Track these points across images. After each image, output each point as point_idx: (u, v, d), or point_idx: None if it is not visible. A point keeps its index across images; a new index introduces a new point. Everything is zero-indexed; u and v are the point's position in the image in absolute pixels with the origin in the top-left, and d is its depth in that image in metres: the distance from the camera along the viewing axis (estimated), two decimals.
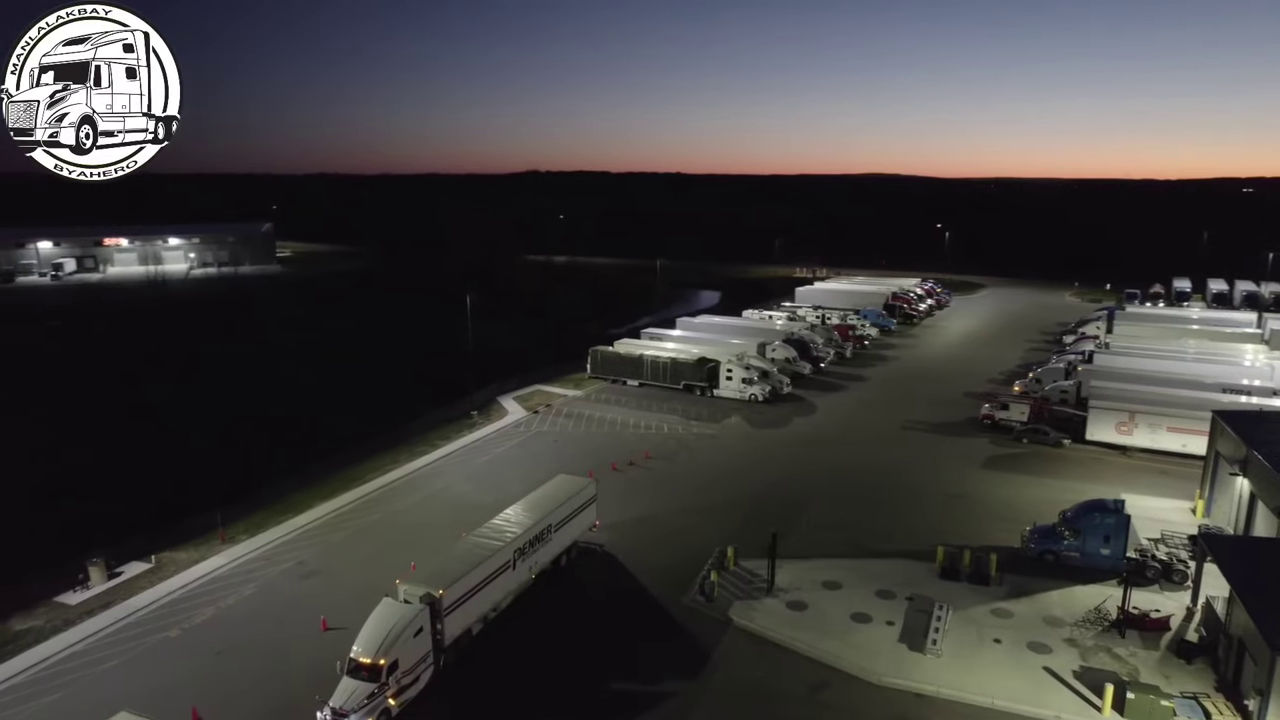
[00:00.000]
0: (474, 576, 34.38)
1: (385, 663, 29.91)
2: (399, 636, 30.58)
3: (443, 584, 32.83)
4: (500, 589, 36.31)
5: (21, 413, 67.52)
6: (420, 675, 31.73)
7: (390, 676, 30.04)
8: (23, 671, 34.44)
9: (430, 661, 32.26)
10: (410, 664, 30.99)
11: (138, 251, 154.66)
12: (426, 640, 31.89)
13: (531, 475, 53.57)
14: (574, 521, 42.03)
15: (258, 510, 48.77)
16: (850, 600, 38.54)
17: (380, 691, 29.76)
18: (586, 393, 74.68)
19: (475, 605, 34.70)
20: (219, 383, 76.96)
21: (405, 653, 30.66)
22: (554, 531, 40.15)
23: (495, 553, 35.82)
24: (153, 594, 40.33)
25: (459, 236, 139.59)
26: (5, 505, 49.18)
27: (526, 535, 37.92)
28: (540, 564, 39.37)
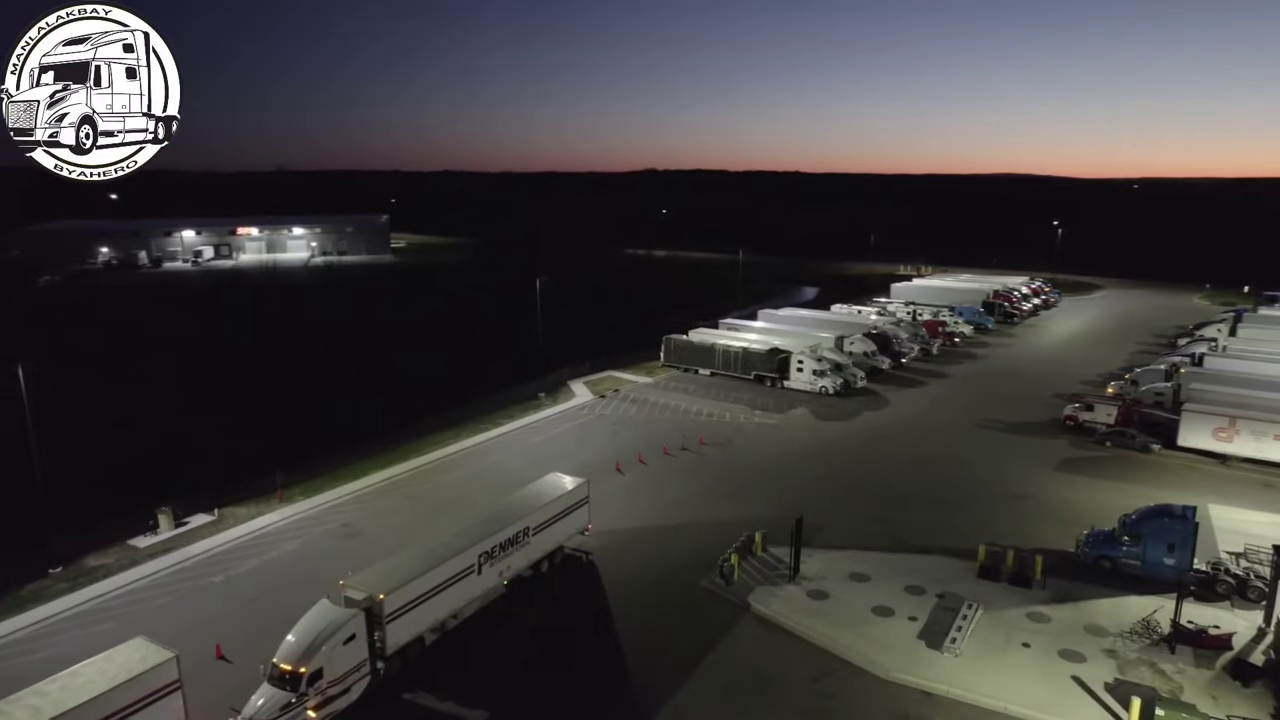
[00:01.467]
0: (426, 581, 31.92)
1: (306, 671, 27.74)
2: (325, 643, 28.40)
3: (385, 588, 30.59)
4: (461, 595, 33.70)
5: (148, 379, 73.90)
6: (352, 685, 29.48)
7: (311, 686, 27.90)
8: (87, 601, 37.69)
9: (365, 671, 30.06)
10: (338, 673, 28.78)
11: (265, 240, 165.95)
12: (361, 648, 29.64)
13: (581, 456, 54.51)
14: (559, 524, 39.19)
15: (319, 475, 51.28)
16: (875, 593, 36.90)
17: (298, 702, 27.73)
18: (657, 380, 74.67)
19: (428, 612, 32.20)
20: (309, 360, 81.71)
21: (332, 661, 28.46)
22: (532, 535, 37.36)
23: (453, 556, 33.24)
24: (209, 543, 43.23)
25: (557, 231, 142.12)
26: (109, 457, 53.99)
27: (496, 538, 35.30)
28: (515, 569, 36.67)
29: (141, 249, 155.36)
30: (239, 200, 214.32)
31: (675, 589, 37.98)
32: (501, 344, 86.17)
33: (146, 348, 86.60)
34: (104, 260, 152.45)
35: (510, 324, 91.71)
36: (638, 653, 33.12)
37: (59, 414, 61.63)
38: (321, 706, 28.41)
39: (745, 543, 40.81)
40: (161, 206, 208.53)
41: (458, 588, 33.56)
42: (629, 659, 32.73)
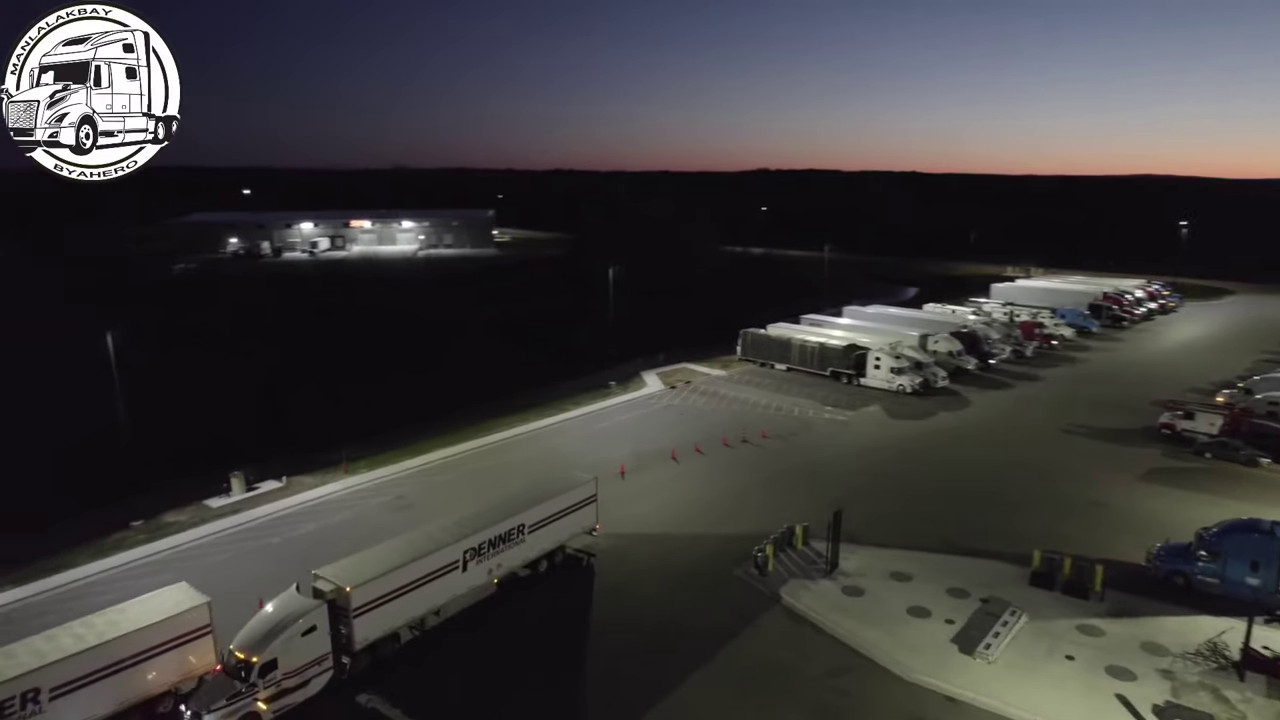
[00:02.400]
0: (401, 575, 30.80)
1: (258, 661, 27.09)
2: (282, 634, 27.65)
3: (353, 580, 29.55)
4: (443, 592, 32.49)
5: (252, 355, 78.91)
6: (310, 679, 28.59)
7: (263, 677, 27.20)
8: (160, 552, 40.52)
9: (328, 665, 29.11)
10: (295, 665, 27.93)
11: (377, 233, 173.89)
12: (322, 641, 28.70)
13: (639, 443, 54.72)
14: (560, 523, 37.47)
15: (386, 450, 53.21)
16: (914, 593, 35.22)
17: (246, 692, 27.03)
18: (731, 373, 73.82)
19: (403, 608, 31.04)
20: (401, 342, 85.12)
21: (289, 653, 27.68)
22: (527, 532, 35.83)
23: (435, 551, 32.16)
24: (273, 507, 45.62)
25: (653, 227, 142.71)
26: (205, 425, 57.97)
27: (485, 534, 33.97)
28: (507, 567, 35.26)
29: (265, 240, 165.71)
30: (359, 196, 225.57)
31: (707, 576, 37.40)
32: (581, 334, 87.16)
33: (253, 328, 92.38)
34: (232, 250, 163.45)
35: (593, 315, 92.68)
36: (654, 638, 32.75)
37: (169, 384, 66.83)
38: (276, 699, 27.58)
39: (785, 535, 39.78)
40: (289, 201, 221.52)
41: (439, 584, 32.20)
42: (645, 644, 32.36)
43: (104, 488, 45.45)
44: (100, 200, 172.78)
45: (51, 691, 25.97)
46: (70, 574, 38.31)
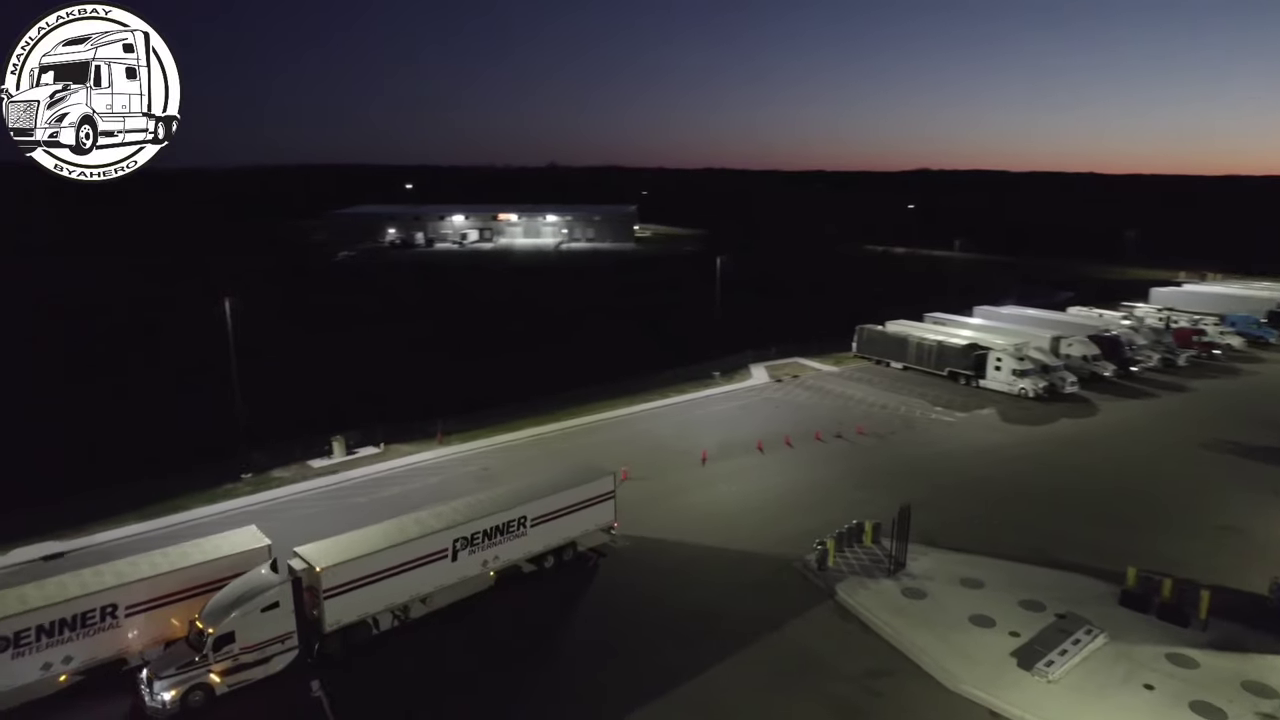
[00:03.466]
0: (379, 560, 29.97)
1: (214, 632, 26.94)
2: (239, 608, 27.46)
3: (326, 561, 29.02)
4: (428, 581, 31.40)
5: (387, 332, 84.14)
6: (272, 657, 28.07)
7: (217, 650, 26.99)
8: (261, 503, 43.74)
9: (292, 645, 28.49)
10: (253, 641, 27.53)
11: (523, 226, 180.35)
12: (286, 619, 28.16)
13: (729, 432, 54.06)
14: (571, 518, 35.80)
15: (484, 425, 55.04)
16: (982, 602, 32.58)
17: (200, 662, 26.88)
18: (843, 369, 71.20)
19: (381, 593, 30.14)
20: (521, 326, 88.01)
21: (246, 627, 27.31)
22: (529, 525, 34.26)
23: (420, 537, 31.19)
24: (368, 470, 48.29)
25: (793, 225, 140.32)
26: (327, 392, 62.33)
27: (477, 524, 32.63)
28: (507, 560, 33.82)
29: (419, 230, 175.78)
30: (515, 192, 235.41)
31: (765, 565, 36.24)
32: (697, 325, 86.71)
33: (393, 310, 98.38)
34: (389, 240, 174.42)
35: (713, 308, 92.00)
36: (695, 621, 32.00)
37: (309, 358, 72.36)
38: (232, 672, 27.37)
39: (853, 530, 37.91)
40: (450, 195, 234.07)
41: (423, 572, 31.15)
42: (684, 627, 31.63)
43: (231, 444, 49.53)
44: (300, 192, 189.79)
45: (127, 609, 28.65)
46: (184, 515, 42.05)
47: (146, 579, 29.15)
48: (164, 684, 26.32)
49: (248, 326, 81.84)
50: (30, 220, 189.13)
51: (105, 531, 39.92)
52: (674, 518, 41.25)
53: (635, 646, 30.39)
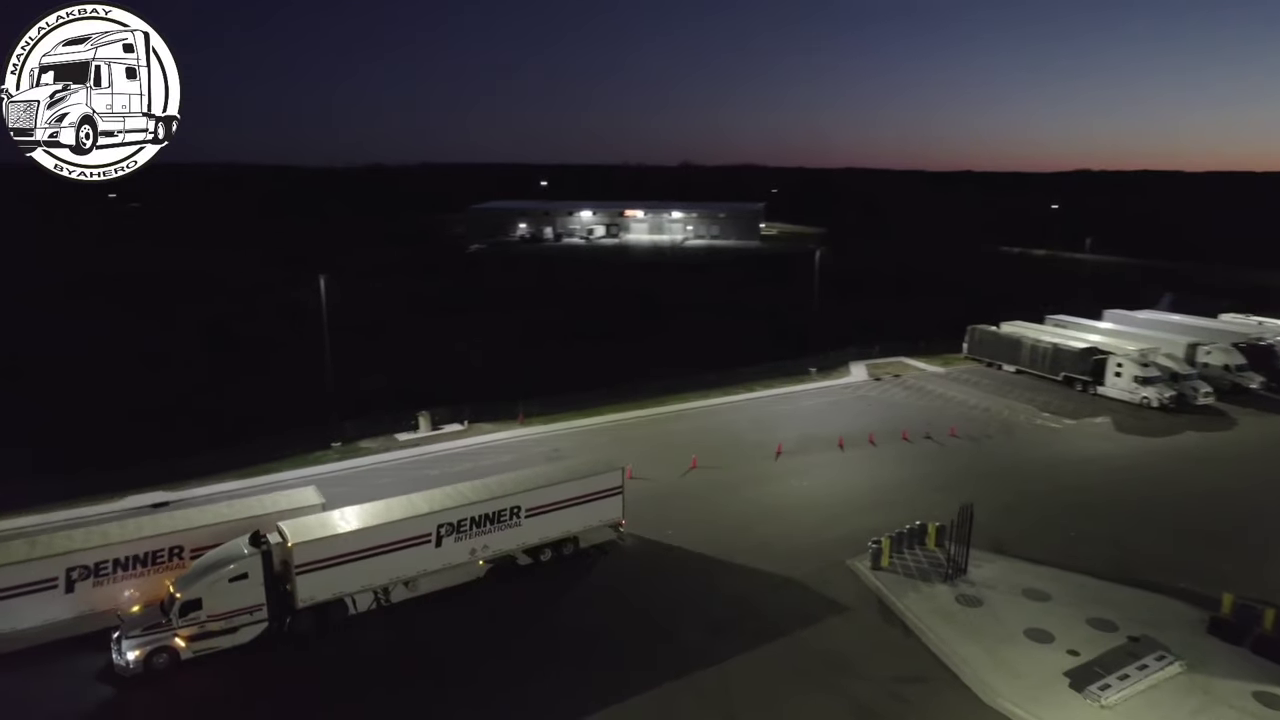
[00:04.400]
0: (355, 539, 29.65)
1: (181, 597, 27.40)
2: (207, 576, 28.02)
3: (299, 537, 28.92)
4: (410, 565, 30.90)
5: (501, 319, 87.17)
6: (239, 627, 28.22)
7: (184, 615, 27.34)
8: (343, 470, 46.04)
9: (261, 617, 28.58)
10: (220, 610, 27.73)
11: (648, 222, 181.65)
12: (254, 591, 28.25)
13: (811, 427, 52.65)
14: (571, 511, 34.49)
15: (567, 409, 55.77)
16: (1045, 615, 29.92)
17: (165, 625, 27.34)
18: (949, 370, 67.46)
19: (356, 573, 29.74)
20: (628, 317, 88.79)
21: (213, 595, 27.60)
22: (524, 516, 33.21)
23: (401, 519, 30.81)
24: (446, 445, 49.99)
25: (922, 226, 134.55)
26: (434, 371, 65.15)
27: (464, 511, 31.85)
28: (497, 550, 32.91)
29: (549, 226, 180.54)
30: (646, 189, 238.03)
31: (817, 560, 34.76)
32: (809, 322, 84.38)
33: (512, 299, 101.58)
34: (519, 234, 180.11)
35: (827, 305, 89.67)
36: (729, 610, 31.12)
37: (427, 340, 75.80)
38: (199, 639, 27.68)
39: (915, 531, 35.78)
40: (583, 192, 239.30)
41: (405, 555, 30.69)
42: (716, 616, 30.80)
43: (334, 414, 52.35)
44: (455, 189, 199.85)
45: (191, 551, 30.83)
46: (274, 475, 44.85)
47: (209, 525, 31.34)
48: (130, 644, 26.83)
49: (375, 309, 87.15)
50: (176, 213, 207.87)
51: (206, 486, 43.05)
52: (733, 509, 40.36)
53: (656, 631, 29.84)
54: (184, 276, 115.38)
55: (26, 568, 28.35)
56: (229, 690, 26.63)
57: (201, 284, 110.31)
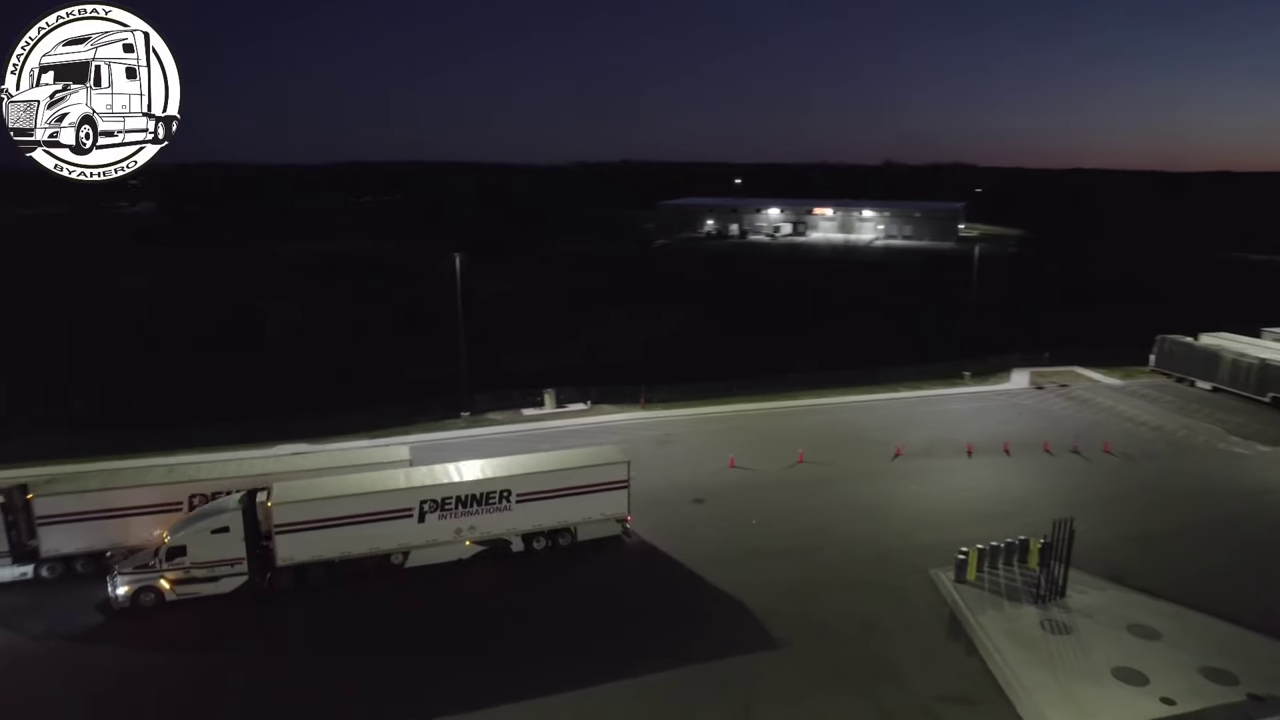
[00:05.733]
0: (334, 505, 30.37)
1: (168, 542, 29.26)
2: (192, 525, 29.81)
3: (280, 498, 30.09)
4: (390, 537, 31.15)
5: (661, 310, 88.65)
6: (220, 577, 29.75)
7: (169, 560, 29.12)
8: (464, 438, 48.58)
9: (241, 570, 29.95)
10: (203, 558, 29.38)
11: (837, 220, 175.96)
12: (235, 545, 29.69)
13: (944, 432, 49.25)
14: (568, 501, 33.31)
15: (694, 397, 55.53)
16: (1146, 655, 25.94)
17: (152, 567, 29.14)
18: (1128, 384, 60.08)
19: (336, 539, 30.40)
20: (791, 312, 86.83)
21: (196, 544, 29.29)
22: (514, 501, 32.45)
23: (381, 491, 31.22)
24: (565, 423, 51.40)
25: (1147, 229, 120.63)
26: (570, 354, 67.45)
27: (448, 489, 31.74)
28: (485, 532, 32.35)
29: (735, 222, 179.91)
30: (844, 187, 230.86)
31: (899, 566, 32.38)
32: (984, 325, 78.34)
33: (679, 293, 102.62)
34: (706, 230, 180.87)
35: (973, 304, 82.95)
36: (781, 608, 29.64)
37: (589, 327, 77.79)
38: (182, 583, 29.40)
39: (1015, 546, 32.26)
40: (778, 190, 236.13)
41: (384, 527, 31.00)
42: (764, 610, 29.37)
43: (464, 386, 55.63)
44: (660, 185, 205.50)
45: None
46: (402, 437, 47.59)
47: (309, 470, 34.41)
48: (122, 580, 29.01)
49: (545, 295, 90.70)
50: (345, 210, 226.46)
51: (340, 441, 46.97)
52: (826, 505, 38.50)
53: (699, 614, 29.13)
54: (396, 259, 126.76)
55: None
56: (201, 634, 28.18)
57: (408, 267, 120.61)
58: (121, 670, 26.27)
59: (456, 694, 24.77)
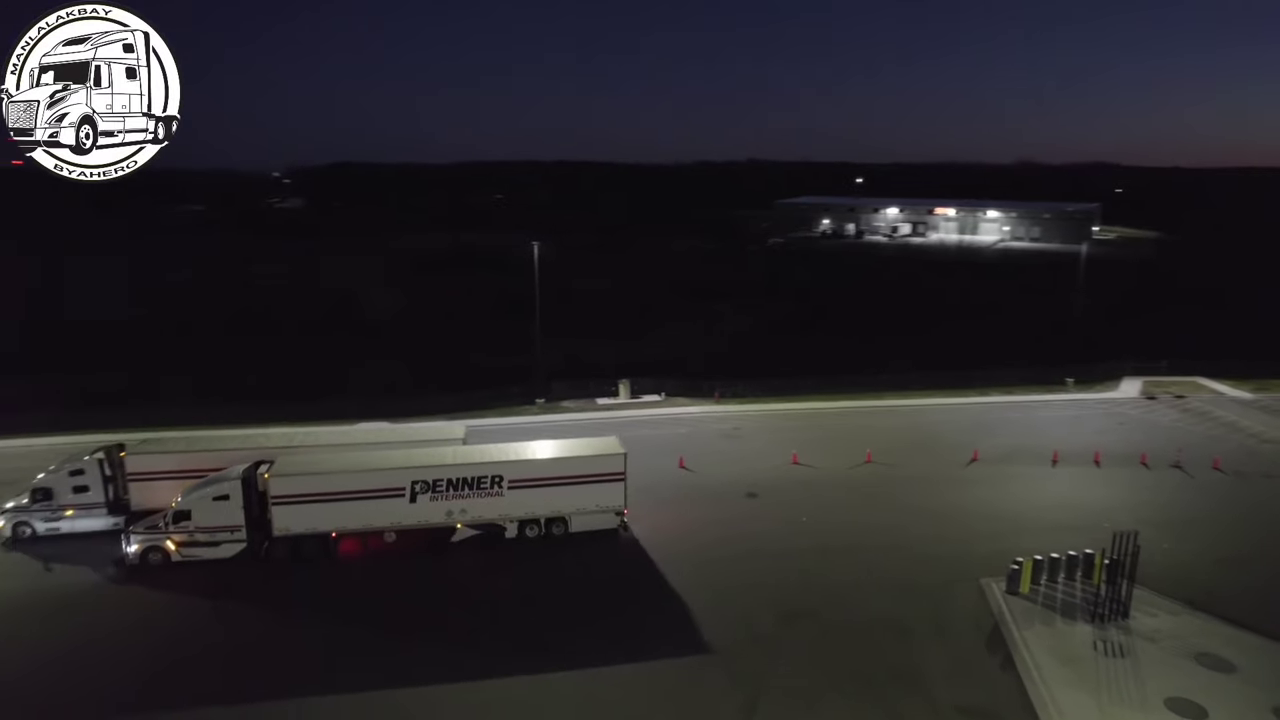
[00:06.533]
0: (328, 481, 31.62)
1: (175, 506, 31.28)
2: (197, 492, 31.55)
3: (278, 471, 31.62)
4: (382, 515, 31.93)
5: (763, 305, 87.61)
6: (221, 542, 31.41)
7: (175, 523, 31.00)
8: (535, 423, 49.58)
9: (240, 537, 31.51)
10: (205, 523, 31.13)
11: (959, 221, 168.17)
12: (235, 512, 31.25)
13: (1026, 439, 46.56)
14: (561, 490, 33.11)
15: (773, 393, 54.52)
16: (1210, 688, 23.41)
17: (162, 528, 31.15)
18: (1258, 397, 54.66)
19: (330, 513, 31.57)
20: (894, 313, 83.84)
21: (199, 510, 31.10)
22: (505, 486, 32.52)
23: (375, 470, 32.09)
24: (636, 413, 51.71)
25: None
26: (656, 346, 67.64)
27: (440, 471, 32.16)
28: (476, 515, 32.57)
29: (851, 222, 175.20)
30: (973, 188, 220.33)
31: (946, 572, 30.70)
32: (1100, 331, 73.29)
33: (784, 290, 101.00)
34: (821, 230, 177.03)
35: (1078, 309, 77.30)
36: (812, 604, 28.67)
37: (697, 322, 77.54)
38: (186, 545, 31.22)
39: (1078, 560, 29.91)
40: (899, 190, 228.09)
41: (379, 505, 31.80)
42: (793, 608, 28.48)
43: (560, 373, 56.33)
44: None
45: None
46: (476, 420, 49.06)
47: (376, 444, 36.08)
48: (134, 539, 31.24)
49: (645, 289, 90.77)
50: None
51: (421, 420, 48.70)
52: (883, 506, 37.10)
53: (724, 609, 28.37)
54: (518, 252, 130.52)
55: None
56: (201, 592, 29.69)
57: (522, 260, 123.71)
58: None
59: (486, 658, 25.36)
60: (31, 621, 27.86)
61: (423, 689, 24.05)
